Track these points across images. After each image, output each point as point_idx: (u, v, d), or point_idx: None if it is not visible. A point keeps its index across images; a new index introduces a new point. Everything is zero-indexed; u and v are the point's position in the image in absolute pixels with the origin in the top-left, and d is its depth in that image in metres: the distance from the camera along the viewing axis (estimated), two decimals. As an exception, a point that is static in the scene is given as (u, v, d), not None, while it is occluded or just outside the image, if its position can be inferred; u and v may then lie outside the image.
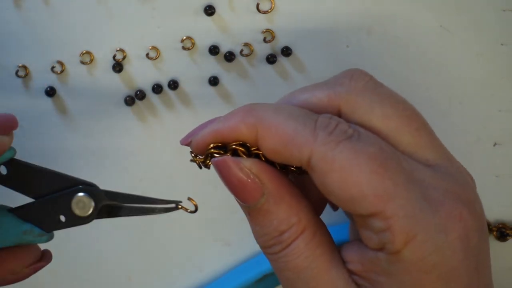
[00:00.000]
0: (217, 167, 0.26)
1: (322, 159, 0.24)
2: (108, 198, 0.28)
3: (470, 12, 0.38)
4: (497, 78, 0.39)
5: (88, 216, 0.28)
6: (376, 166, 0.24)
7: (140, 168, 0.41)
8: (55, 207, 0.28)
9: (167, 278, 0.43)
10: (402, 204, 0.23)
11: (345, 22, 0.38)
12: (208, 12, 0.38)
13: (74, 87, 0.39)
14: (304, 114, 0.26)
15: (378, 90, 0.28)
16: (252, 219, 0.27)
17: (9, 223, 0.28)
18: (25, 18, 0.38)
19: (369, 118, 0.26)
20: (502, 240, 0.40)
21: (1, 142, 0.27)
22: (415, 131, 0.26)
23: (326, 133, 0.24)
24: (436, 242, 0.24)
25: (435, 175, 0.25)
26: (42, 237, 0.28)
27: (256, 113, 0.26)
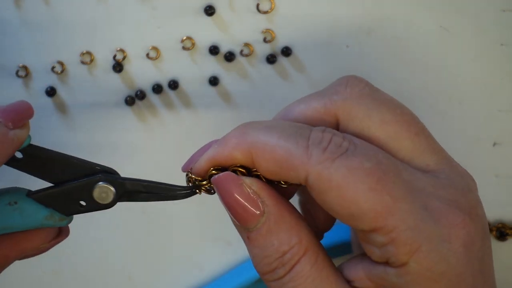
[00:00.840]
0: (217, 185, 0.26)
1: (318, 179, 0.24)
2: (129, 186, 0.28)
3: (470, 13, 0.38)
4: (497, 78, 0.39)
5: (110, 203, 0.28)
6: (374, 182, 0.23)
7: (140, 168, 0.41)
8: (76, 193, 0.28)
9: (167, 278, 0.43)
10: (402, 217, 0.23)
11: (345, 22, 0.38)
12: (208, 12, 0.38)
13: (74, 87, 0.39)
14: (296, 131, 0.25)
15: (375, 95, 0.27)
16: (252, 242, 0.26)
17: (30, 209, 0.28)
18: (25, 18, 0.38)
19: (367, 124, 0.26)
20: (502, 239, 0.40)
21: (20, 136, 0.27)
22: (414, 136, 0.26)
23: (320, 150, 0.24)
24: (440, 251, 0.24)
25: (435, 183, 0.25)
26: (63, 221, 0.29)
27: (249, 137, 0.25)
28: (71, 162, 0.28)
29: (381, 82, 0.39)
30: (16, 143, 0.27)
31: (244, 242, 0.26)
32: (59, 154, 0.28)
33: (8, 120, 0.27)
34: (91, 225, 0.42)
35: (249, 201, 0.25)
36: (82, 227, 0.42)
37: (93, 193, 0.28)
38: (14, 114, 0.27)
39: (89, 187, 0.28)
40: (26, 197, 0.28)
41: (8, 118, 0.27)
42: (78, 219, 0.41)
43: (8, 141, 0.27)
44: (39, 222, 0.28)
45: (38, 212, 0.28)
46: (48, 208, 0.28)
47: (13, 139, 0.27)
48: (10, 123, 0.27)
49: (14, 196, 0.28)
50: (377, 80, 0.39)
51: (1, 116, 0.27)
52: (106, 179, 0.28)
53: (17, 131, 0.27)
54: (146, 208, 0.42)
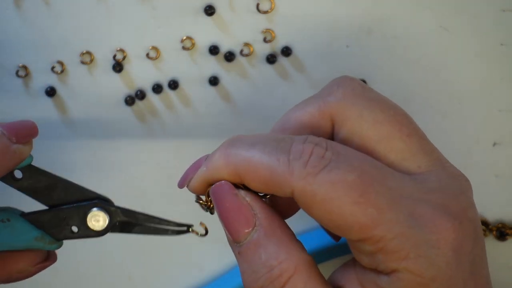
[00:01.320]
0: (213, 194, 0.26)
1: (303, 194, 0.24)
2: (123, 215, 0.29)
3: (470, 12, 0.38)
4: (497, 78, 0.39)
5: (102, 230, 0.29)
6: (357, 196, 0.23)
7: (140, 168, 0.41)
8: (69, 218, 0.29)
9: (167, 278, 0.43)
10: (388, 227, 0.23)
11: (345, 22, 0.38)
12: (208, 12, 0.38)
13: (74, 87, 0.39)
14: (276, 145, 0.25)
15: (367, 95, 0.27)
16: (241, 257, 0.25)
17: (21, 228, 0.28)
18: (25, 18, 0.38)
19: (360, 124, 0.26)
20: (502, 239, 0.40)
21: (22, 152, 0.28)
22: (406, 137, 0.26)
23: (302, 165, 0.24)
24: (429, 257, 0.24)
25: (423, 188, 0.25)
26: (52, 245, 0.29)
27: (231, 158, 0.25)
28: (69, 186, 0.29)
29: (381, 82, 0.39)
30: (18, 158, 0.28)
31: (236, 258, 0.26)
32: (58, 178, 0.29)
33: (12, 134, 0.27)
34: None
35: (242, 211, 0.25)
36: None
37: (87, 218, 0.28)
38: (19, 130, 0.28)
39: (83, 212, 0.28)
40: (19, 217, 0.29)
41: (12, 132, 0.27)
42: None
43: (10, 153, 0.27)
44: (29, 242, 0.28)
45: (29, 232, 0.28)
46: (40, 229, 0.29)
47: (15, 151, 0.27)
48: (14, 137, 0.27)
49: (7, 214, 0.29)
50: (377, 80, 0.39)
51: (6, 130, 0.27)
52: (101, 206, 0.28)
53: (20, 146, 0.28)
54: (146, 208, 0.42)
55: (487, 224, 0.40)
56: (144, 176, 0.41)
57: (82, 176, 0.41)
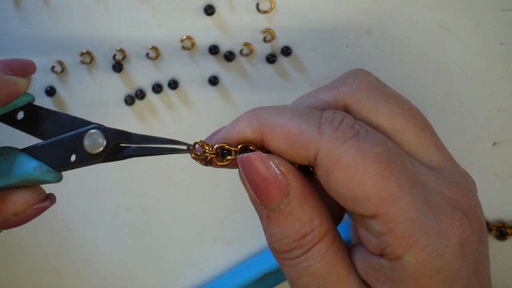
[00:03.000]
0: (245, 163, 0.26)
1: (327, 157, 0.24)
2: (118, 136, 0.28)
3: (470, 12, 0.38)
4: (497, 78, 0.39)
5: (99, 153, 0.28)
6: (382, 168, 0.23)
7: (140, 168, 0.41)
8: (67, 146, 0.28)
9: (167, 278, 0.43)
10: (404, 208, 0.23)
11: (345, 22, 0.38)
12: (208, 12, 0.38)
13: (74, 87, 0.39)
14: (308, 111, 0.25)
15: (382, 89, 0.27)
16: (272, 221, 0.26)
17: (19, 159, 0.28)
18: (25, 18, 0.38)
19: (375, 116, 0.26)
20: (502, 239, 0.40)
21: (16, 82, 0.27)
22: (420, 131, 0.26)
23: (332, 129, 0.24)
24: (438, 247, 0.24)
25: (438, 180, 0.25)
26: (51, 173, 0.28)
27: (260, 116, 0.26)
28: (67, 119, 0.28)
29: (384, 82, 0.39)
30: (12, 88, 0.27)
31: (261, 219, 0.26)
32: (58, 113, 0.29)
33: (6, 67, 0.27)
34: (91, 225, 0.42)
35: (277, 181, 0.25)
36: (82, 227, 0.42)
37: (84, 141, 0.28)
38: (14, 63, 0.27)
39: (79, 137, 0.28)
40: (19, 150, 0.28)
41: (6, 65, 0.27)
42: (78, 218, 0.41)
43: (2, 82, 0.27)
44: (27, 172, 0.28)
45: (27, 163, 0.28)
46: (38, 160, 0.28)
47: (8, 81, 0.27)
48: (8, 70, 0.27)
49: (7, 148, 0.28)
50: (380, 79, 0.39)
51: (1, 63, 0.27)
52: (97, 127, 0.28)
53: (13, 77, 0.27)
54: (146, 208, 0.42)
55: (487, 224, 0.40)
56: (144, 176, 0.41)
57: (81, 175, 0.41)
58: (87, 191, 0.41)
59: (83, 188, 0.41)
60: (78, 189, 0.41)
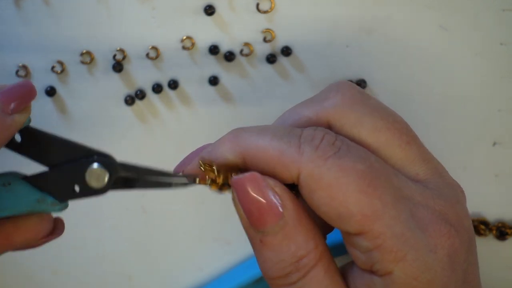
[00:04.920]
0: (239, 185, 0.25)
1: (309, 177, 0.24)
2: (123, 170, 0.27)
3: (470, 12, 0.38)
4: (497, 78, 0.39)
5: (103, 187, 0.27)
6: (365, 185, 0.23)
7: (140, 168, 0.41)
8: (69, 177, 0.27)
9: (167, 278, 0.43)
10: (390, 224, 0.23)
11: (345, 22, 0.38)
12: (208, 12, 0.38)
13: (74, 87, 0.39)
14: (289, 131, 0.25)
15: (366, 102, 0.27)
16: (266, 246, 0.25)
17: (22, 190, 0.27)
18: (25, 18, 0.38)
19: (359, 131, 0.26)
20: (502, 239, 0.40)
21: (19, 121, 0.26)
22: (405, 144, 0.26)
23: (313, 148, 0.24)
24: (426, 261, 0.23)
25: (424, 193, 0.25)
26: (55, 206, 0.28)
27: (241, 138, 0.25)
28: (68, 145, 0.27)
29: (381, 82, 0.39)
30: (13, 129, 0.26)
31: (254, 245, 0.26)
32: (57, 137, 0.27)
33: (8, 104, 0.26)
34: (91, 225, 0.42)
35: (271, 203, 0.24)
36: (82, 227, 0.42)
37: (86, 175, 0.27)
38: (15, 97, 0.26)
39: (82, 169, 0.27)
40: (20, 180, 0.28)
41: (8, 100, 0.26)
42: (78, 218, 0.41)
43: (5, 127, 0.26)
44: (31, 205, 0.27)
45: (30, 195, 0.27)
46: (41, 191, 0.27)
47: (10, 125, 0.26)
48: (10, 107, 0.26)
49: (8, 177, 0.28)
50: (377, 80, 0.39)
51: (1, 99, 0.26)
52: (100, 161, 0.27)
53: (16, 116, 0.26)
54: (146, 208, 0.42)
55: (487, 224, 0.40)
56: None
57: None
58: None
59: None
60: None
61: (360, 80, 0.39)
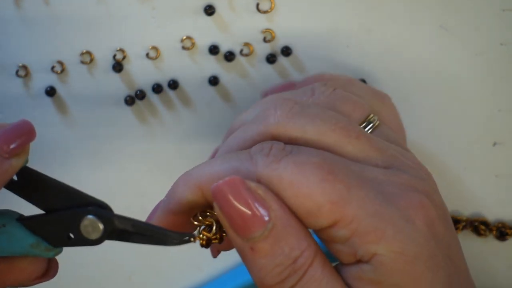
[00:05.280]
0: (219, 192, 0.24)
1: (269, 182, 0.23)
2: (119, 223, 0.26)
3: (470, 12, 0.38)
4: (497, 78, 0.39)
5: (97, 239, 0.26)
6: (325, 173, 0.23)
7: (140, 168, 0.41)
8: (65, 224, 0.27)
9: (167, 278, 0.43)
10: (360, 204, 0.23)
11: (345, 22, 0.38)
12: (208, 12, 0.38)
13: (74, 87, 0.39)
14: (236, 152, 0.25)
15: (306, 111, 0.27)
16: (258, 253, 0.24)
17: (17, 234, 0.27)
18: (25, 18, 0.38)
19: (305, 140, 0.26)
20: (502, 239, 0.40)
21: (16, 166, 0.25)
22: (355, 140, 0.26)
23: (264, 156, 0.24)
24: (406, 232, 0.23)
25: (387, 172, 0.25)
26: (49, 252, 0.28)
27: (192, 174, 0.25)
28: (65, 190, 0.27)
29: (381, 82, 0.39)
30: (10, 174, 0.25)
31: (245, 256, 0.24)
32: (54, 181, 0.27)
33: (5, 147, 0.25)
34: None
35: (255, 206, 0.23)
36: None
37: (81, 226, 0.26)
38: (13, 138, 0.25)
39: (78, 220, 0.26)
40: (15, 222, 0.27)
41: (6, 143, 0.25)
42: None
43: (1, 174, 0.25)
44: (25, 249, 0.27)
45: (25, 239, 0.27)
46: (36, 236, 0.27)
47: (7, 170, 0.25)
48: (7, 152, 0.25)
49: (3, 219, 0.27)
50: (377, 80, 0.39)
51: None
52: (95, 213, 0.26)
53: (13, 160, 0.25)
54: (146, 208, 0.42)
55: (487, 224, 0.40)
56: (144, 176, 0.41)
57: (81, 175, 0.41)
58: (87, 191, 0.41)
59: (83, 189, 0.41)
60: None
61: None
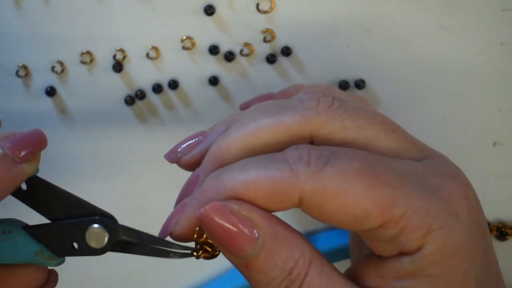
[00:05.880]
0: (203, 219, 0.24)
1: (313, 194, 0.23)
2: (124, 234, 0.27)
3: (470, 12, 0.38)
4: (497, 78, 0.39)
5: (101, 248, 0.27)
6: (369, 178, 0.23)
7: (140, 168, 0.41)
8: (70, 234, 0.27)
9: (167, 278, 0.43)
10: (406, 203, 0.23)
11: (345, 22, 0.38)
12: (208, 12, 0.38)
13: (74, 87, 0.39)
14: (271, 157, 0.24)
15: (345, 106, 0.27)
16: (252, 269, 0.24)
17: (22, 241, 0.27)
18: (25, 18, 0.38)
19: (345, 134, 0.26)
20: (502, 239, 0.40)
21: (27, 172, 0.26)
22: (392, 133, 0.26)
23: (305, 166, 0.23)
24: (451, 225, 0.23)
25: (426, 165, 0.25)
26: (52, 261, 0.28)
27: (226, 182, 0.24)
28: (72, 200, 0.27)
29: (381, 82, 0.39)
30: (21, 178, 0.26)
31: (242, 271, 0.25)
32: (62, 191, 0.27)
33: (17, 153, 0.25)
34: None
35: (241, 228, 0.24)
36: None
37: (85, 235, 0.27)
38: (25, 145, 0.25)
39: (83, 228, 0.27)
40: (21, 229, 0.28)
41: (18, 149, 0.25)
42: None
43: (11, 178, 0.25)
44: (29, 256, 0.27)
45: (29, 246, 0.27)
46: (40, 244, 0.27)
47: (18, 174, 0.25)
48: (19, 156, 0.25)
49: (9, 226, 0.27)
50: (377, 80, 0.39)
51: (10, 147, 0.25)
52: (101, 222, 0.27)
53: (25, 166, 0.26)
54: (146, 207, 0.42)
55: (487, 224, 0.40)
56: (144, 176, 0.41)
57: (81, 176, 0.41)
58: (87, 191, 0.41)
59: (83, 189, 0.41)
60: (78, 189, 0.41)
61: (360, 80, 0.39)
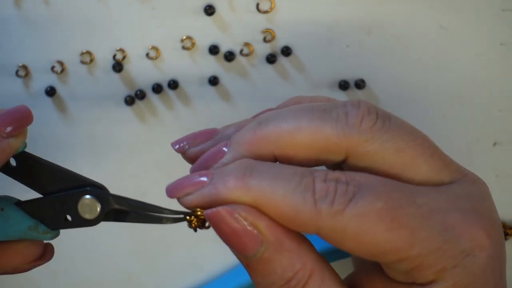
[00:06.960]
0: (211, 219, 0.25)
1: (332, 232, 0.24)
2: (115, 203, 0.27)
3: (470, 12, 0.38)
4: (497, 78, 0.39)
5: (94, 219, 0.27)
6: (389, 221, 0.23)
7: (140, 167, 0.41)
8: (62, 206, 0.27)
9: (167, 278, 0.43)
10: (424, 244, 0.23)
11: (345, 22, 0.38)
12: (208, 12, 0.38)
13: (74, 87, 0.39)
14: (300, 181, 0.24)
15: (386, 126, 0.26)
16: (252, 270, 0.25)
17: (15, 217, 0.27)
18: (25, 17, 0.38)
19: (382, 156, 0.26)
20: (502, 239, 0.40)
21: (14, 146, 0.26)
22: (430, 158, 0.26)
23: (329, 204, 0.24)
24: (465, 266, 0.24)
25: (450, 198, 0.25)
26: (47, 234, 0.28)
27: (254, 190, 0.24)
28: (62, 173, 0.28)
29: (381, 82, 0.39)
30: (8, 153, 0.26)
31: (245, 267, 0.26)
32: (52, 164, 0.28)
33: (3, 128, 0.26)
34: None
35: (246, 233, 0.24)
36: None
37: (78, 206, 0.27)
38: (11, 121, 0.26)
39: (74, 200, 0.27)
40: (13, 205, 0.28)
41: (4, 125, 0.26)
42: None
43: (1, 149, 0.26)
44: (23, 232, 0.28)
45: (22, 222, 0.28)
46: (34, 218, 0.28)
47: (5, 149, 0.26)
48: (5, 131, 0.26)
49: (1, 203, 0.28)
50: (377, 80, 0.39)
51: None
52: (93, 193, 0.27)
53: (11, 140, 0.26)
54: (146, 208, 0.42)
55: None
56: (144, 176, 0.41)
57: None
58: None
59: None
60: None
61: (360, 80, 0.39)
